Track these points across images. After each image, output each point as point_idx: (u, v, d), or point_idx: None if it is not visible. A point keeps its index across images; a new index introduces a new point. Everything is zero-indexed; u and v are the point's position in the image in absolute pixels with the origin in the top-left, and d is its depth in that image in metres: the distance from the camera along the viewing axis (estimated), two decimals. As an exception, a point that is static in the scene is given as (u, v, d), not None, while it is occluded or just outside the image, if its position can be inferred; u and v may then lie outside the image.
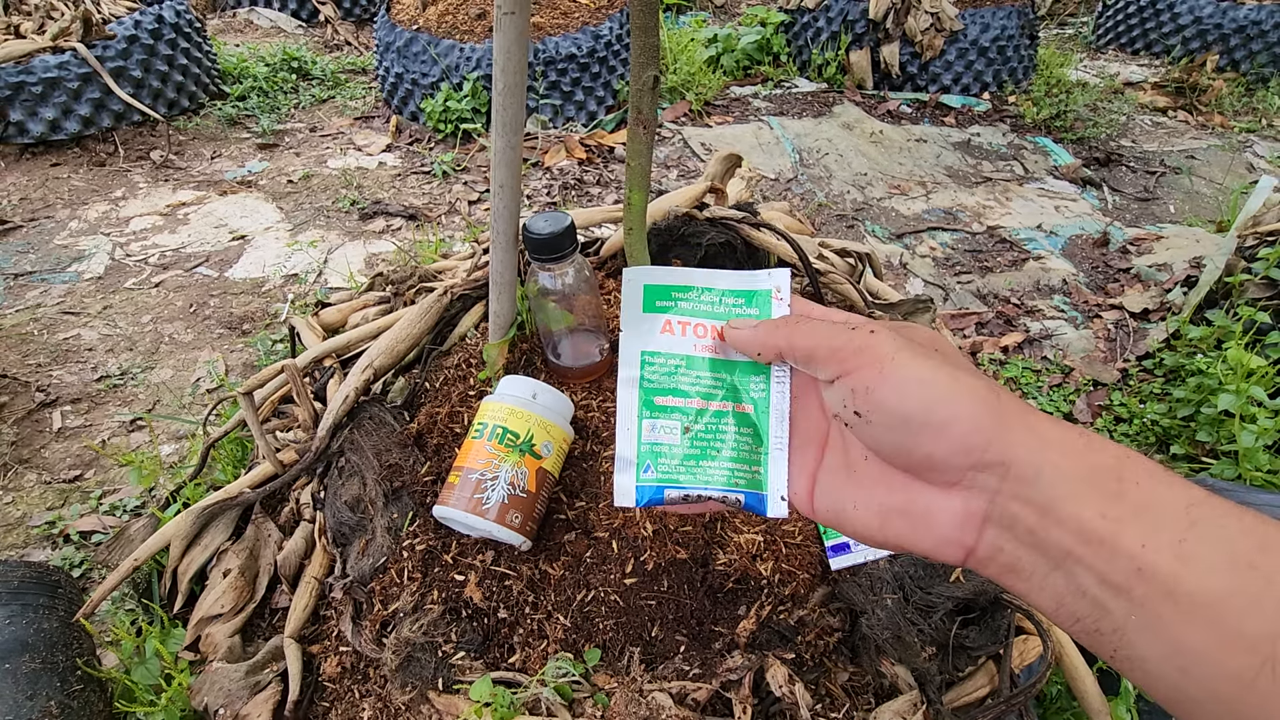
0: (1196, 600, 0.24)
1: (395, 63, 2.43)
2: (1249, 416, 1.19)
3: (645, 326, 0.39)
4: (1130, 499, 0.26)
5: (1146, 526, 0.25)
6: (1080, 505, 0.27)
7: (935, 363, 0.30)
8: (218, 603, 0.79)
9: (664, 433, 0.38)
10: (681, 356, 0.38)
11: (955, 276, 1.91)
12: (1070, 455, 0.28)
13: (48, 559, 1.14)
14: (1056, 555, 0.27)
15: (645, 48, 0.62)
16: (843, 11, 2.81)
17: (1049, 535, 0.27)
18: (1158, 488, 0.26)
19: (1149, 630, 0.25)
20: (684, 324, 0.39)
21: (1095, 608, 0.26)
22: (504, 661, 0.68)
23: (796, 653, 0.66)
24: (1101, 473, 0.27)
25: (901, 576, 0.67)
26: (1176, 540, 0.25)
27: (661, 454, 0.37)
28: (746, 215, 1.04)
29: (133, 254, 1.90)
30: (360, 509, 0.79)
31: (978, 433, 0.29)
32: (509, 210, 0.75)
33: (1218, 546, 0.24)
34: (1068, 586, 0.27)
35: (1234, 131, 2.65)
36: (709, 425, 0.38)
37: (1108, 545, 0.26)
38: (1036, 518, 0.28)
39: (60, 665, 0.79)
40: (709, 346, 0.39)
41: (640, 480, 0.37)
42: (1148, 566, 0.25)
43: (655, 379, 0.38)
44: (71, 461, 1.32)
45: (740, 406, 0.38)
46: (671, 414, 0.38)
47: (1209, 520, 0.25)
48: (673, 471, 0.37)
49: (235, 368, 1.55)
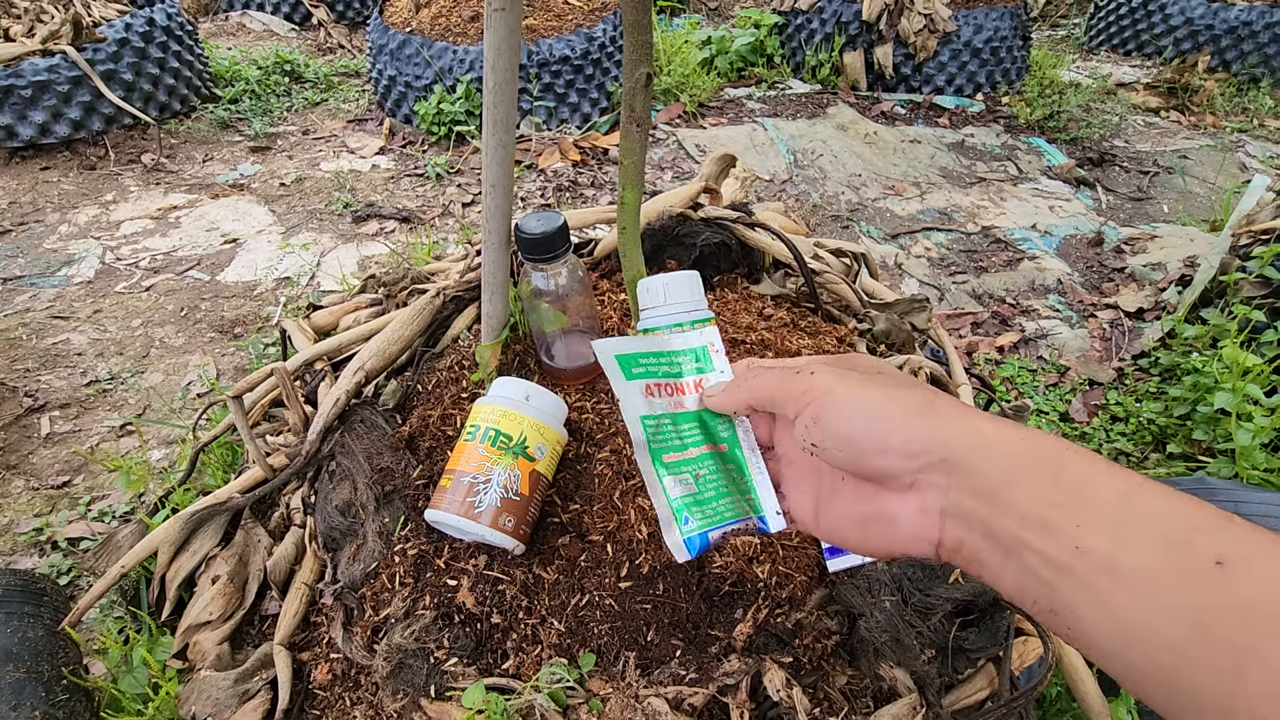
0: (1132, 574, 0.26)
1: (388, 65, 2.42)
2: (1245, 415, 1.19)
3: (633, 393, 0.42)
4: (1067, 485, 0.28)
5: (1083, 509, 0.28)
6: (1021, 493, 0.29)
7: (871, 387, 0.34)
8: (206, 609, 0.77)
9: (683, 484, 0.41)
10: (668, 415, 0.42)
11: (950, 277, 1.91)
12: (1008, 449, 0.30)
13: (35, 566, 1.12)
14: (1007, 542, 0.29)
15: (638, 45, 0.62)
16: (836, 13, 2.81)
17: (998, 523, 0.30)
18: (1096, 475, 0.29)
19: (1094, 606, 0.27)
20: (659, 386, 0.43)
21: (1046, 588, 0.28)
22: (497, 667, 0.67)
23: (794, 656, 0.65)
24: (1039, 463, 0.29)
25: (900, 578, 0.67)
26: (1112, 521, 0.27)
27: (691, 503, 0.41)
28: (741, 215, 1.03)
29: (123, 258, 1.88)
30: (351, 513, 0.78)
31: (913, 438, 0.32)
32: (501, 210, 0.74)
33: (1151, 525, 0.26)
34: (1020, 571, 0.29)
35: (1226, 132, 2.66)
36: (709, 468, 0.42)
37: (1048, 527, 0.28)
38: (986, 508, 0.30)
39: (45, 675, 0.77)
40: (679, 403, 0.43)
41: (685, 533, 0.40)
42: (1085, 544, 0.27)
43: (658, 440, 0.42)
44: (60, 467, 1.31)
45: (717, 446, 0.43)
46: (682, 468, 0.41)
47: (1144, 504, 0.27)
48: (705, 516, 0.41)
49: (226, 371, 1.53)
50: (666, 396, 0.43)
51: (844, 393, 0.34)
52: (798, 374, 0.37)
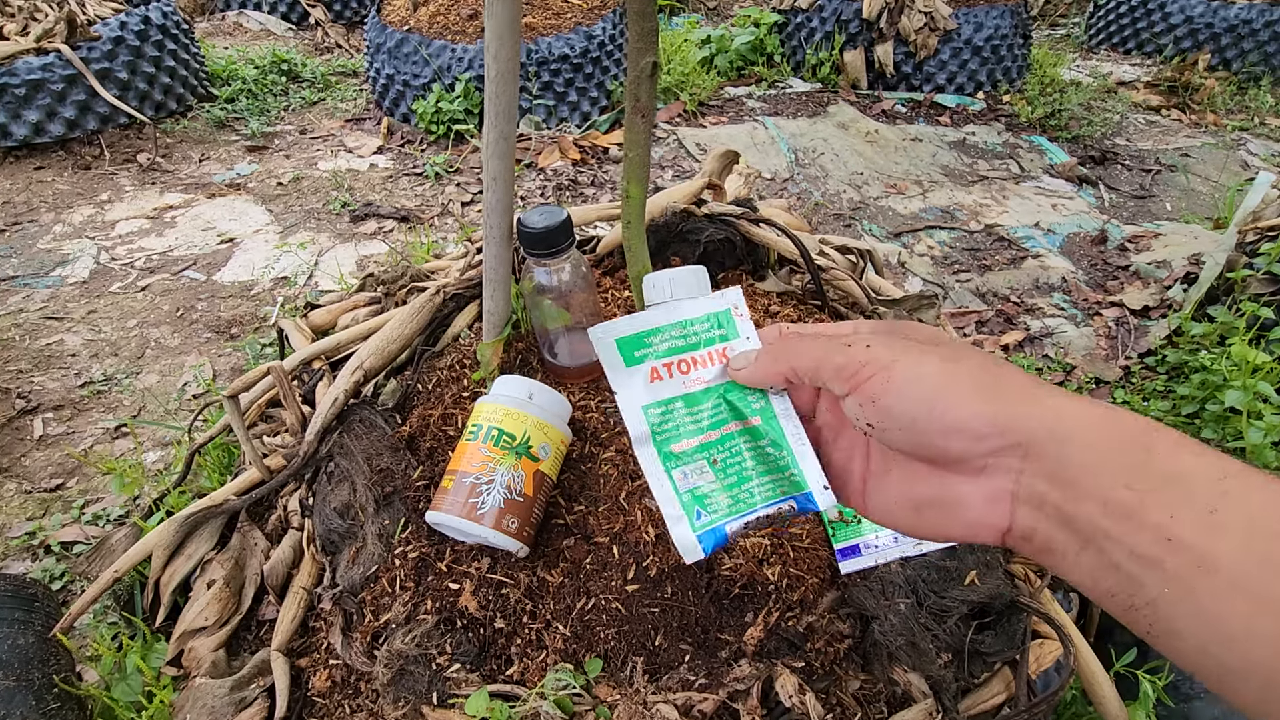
0: (1229, 569, 0.24)
1: (386, 64, 2.40)
2: (1256, 413, 1.18)
3: (634, 381, 0.38)
4: (1157, 469, 0.26)
5: (1175, 496, 0.25)
6: (1104, 478, 0.26)
7: (933, 361, 0.31)
8: (201, 615, 0.75)
9: (695, 475, 0.37)
10: (678, 398, 0.38)
11: (954, 275, 1.89)
12: (1090, 428, 0.27)
13: (28, 571, 1.10)
14: (1086, 531, 0.27)
15: (643, 33, 0.60)
16: (836, 11, 2.80)
17: (1076, 511, 0.27)
18: (1187, 458, 0.26)
19: (1183, 602, 0.25)
20: (668, 365, 0.39)
21: (1128, 582, 0.26)
22: (501, 674, 0.65)
23: (806, 661, 0.63)
24: (1126, 444, 0.27)
25: (914, 580, 0.65)
26: (1207, 510, 0.24)
27: (704, 495, 0.37)
28: (746, 211, 1.01)
29: (118, 258, 1.86)
30: (350, 515, 0.76)
31: (983, 421, 0.29)
32: (503, 204, 0.73)
33: (1252, 516, 0.24)
34: (1100, 562, 0.27)
35: (1227, 130, 2.66)
36: (731, 450, 0.38)
37: (1135, 517, 0.26)
38: (1062, 494, 0.28)
39: (36, 683, 0.75)
40: (698, 379, 0.39)
41: (696, 529, 0.36)
42: (1177, 537, 0.25)
43: (665, 429, 0.38)
44: (53, 470, 1.29)
45: (747, 422, 0.38)
46: (694, 456, 0.37)
47: (1242, 491, 0.25)
48: (722, 508, 0.37)
49: (223, 372, 1.51)
50: (680, 374, 0.39)
51: (904, 369, 0.31)
52: (848, 345, 0.33)
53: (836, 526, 0.71)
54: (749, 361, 0.38)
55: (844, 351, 0.33)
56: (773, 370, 0.37)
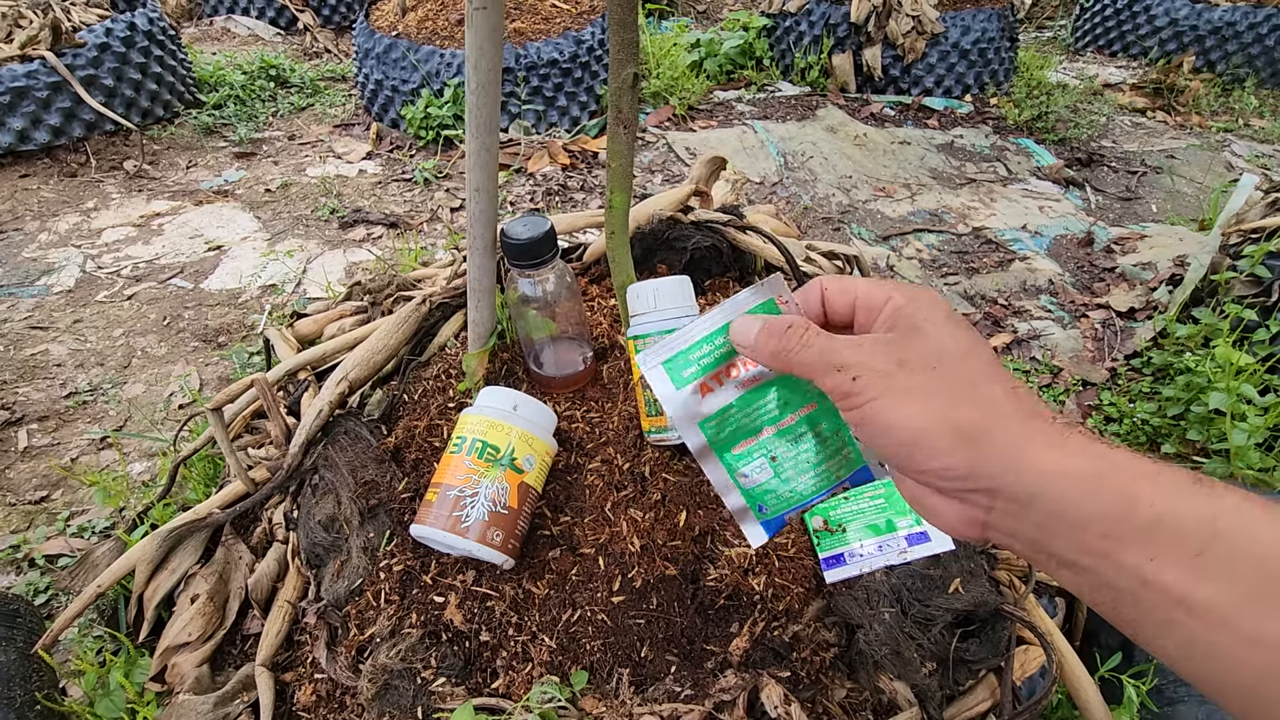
0: (1210, 609, 0.24)
1: (375, 69, 2.39)
2: (1239, 414, 1.19)
3: (688, 400, 0.39)
4: (1139, 519, 0.26)
5: (1157, 543, 0.25)
6: (1079, 529, 0.27)
7: (920, 399, 0.31)
8: (185, 630, 0.75)
9: (756, 473, 0.39)
10: (732, 404, 0.39)
11: (942, 278, 1.90)
12: (1069, 484, 0.27)
13: (11, 585, 1.09)
14: (1061, 559, 0.28)
15: (624, 44, 0.60)
16: (824, 15, 2.81)
17: (1049, 546, 0.28)
18: (1178, 503, 0.26)
19: (1164, 627, 0.25)
20: (718, 375, 0.39)
21: (1110, 598, 0.27)
22: (487, 687, 0.65)
23: (792, 670, 0.64)
24: (1109, 496, 0.27)
25: (899, 589, 0.65)
26: (1192, 554, 0.25)
27: (766, 490, 0.39)
28: (732, 218, 1.01)
29: (104, 266, 1.85)
30: (335, 528, 0.76)
31: (955, 469, 0.30)
32: (486, 214, 0.73)
33: (1239, 556, 0.24)
34: (1081, 580, 0.28)
35: (1212, 131, 2.68)
36: (789, 444, 0.39)
37: (1111, 559, 0.26)
38: (1034, 532, 0.28)
39: (18, 700, 0.75)
40: (748, 380, 0.39)
41: (761, 518, 0.39)
42: (1154, 580, 0.25)
43: (723, 436, 0.39)
44: (38, 482, 1.28)
45: (805, 409, 0.39)
46: (753, 455, 0.39)
47: (1237, 529, 0.25)
48: (782, 499, 0.39)
49: (210, 382, 1.50)
50: (729, 379, 0.39)
51: (885, 406, 0.31)
52: (838, 370, 0.33)
53: (821, 536, 0.71)
54: (749, 338, 0.37)
55: (834, 376, 0.33)
56: (768, 362, 0.37)
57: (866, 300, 0.36)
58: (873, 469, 0.39)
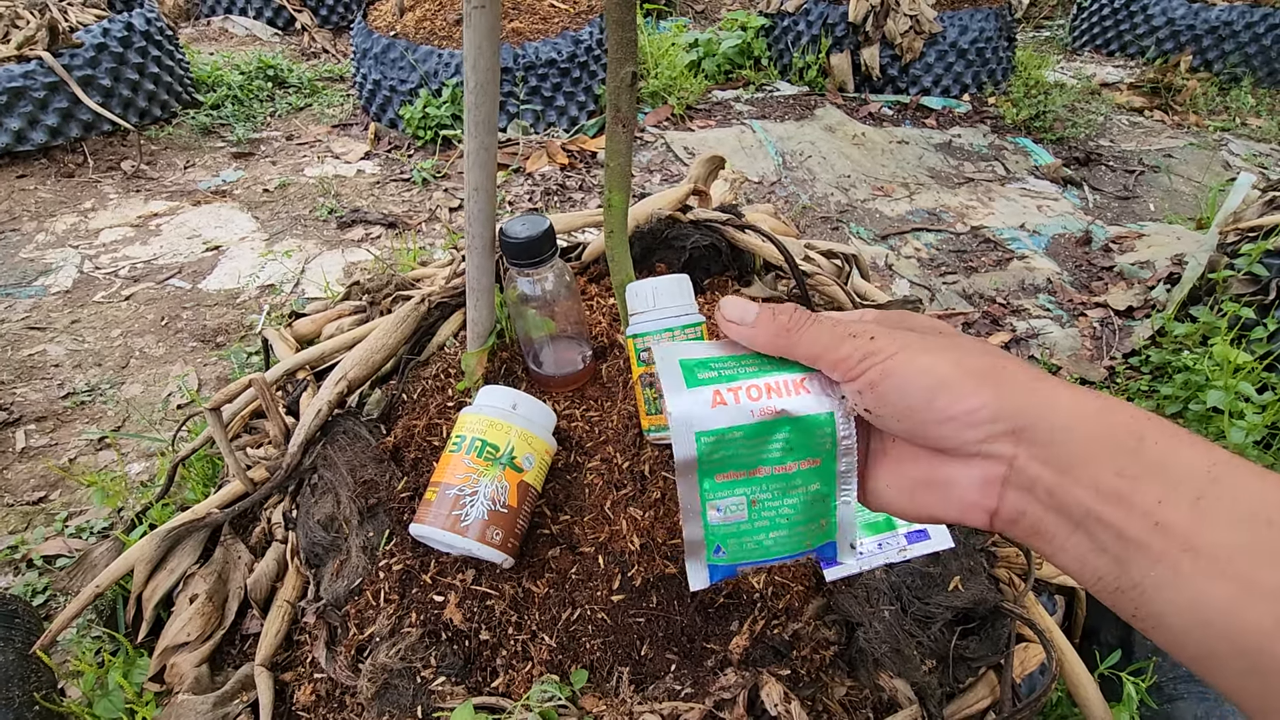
0: (1214, 553, 0.24)
1: (373, 69, 2.39)
2: (1237, 412, 1.19)
3: (694, 403, 0.35)
4: (1148, 457, 0.27)
5: (1164, 483, 0.26)
6: (1097, 463, 0.27)
7: (936, 351, 0.31)
8: (184, 630, 0.75)
9: (730, 510, 0.35)
10: (740, 427, 0.35)
11: (941, 277, 1.90)
12: (1085, 417, 0.28)
13: (9, 586, 1.08)
14: (1077, 514, 0.28)
15: (622, 43, 0.60)
16: (822, 15, 2.81)
17: (1068, 494, 0.28)
18: (1179, 447, 0.27)
19: (1169, 585, 0.25)
20: (735, 390, 0.35)
21: (1115, 564, 0.27)
22: (486, 686, 0.65)
23: (792, 668, 0.64)
24: (1119, 432, 0.27)
25: (899, 586, 0.65)
26: (1195, 496, 0.25)
27: (732, 533, 0.36)
28: (731, 217, 1.01)
29: (102, 266, 1.84)
30: (334, 528, 0.76)
31: (983, 409, 0.30)
32: (485, 214, 0.73)
33: (1237, 502, 0.25)
34: (1089, 545, 0.28)
35: (1209, 130, 2.69)
36: (775, 492, 0.36)
37: (1125, 501, 0.26)
38: (1054, 477, 0.28)
39: (16, 701, 0.74)
40: (769, 409, 0.35)
41: (712, 561, 0.36)
42: (1165, 520, 0.25)
43: (715, 458, 0.35)
44: (36, 482, 1.27)
45: (807, 462, 0.36)
46: (735, 489, 0.35)
47: (1230, 479, 0.25)
48: (743, 548, 0.36)
49: (209, 382, 1.50)
50: (748, 400, 0.35)
51: (906, 359, 0.31)
52: (854, 338, 0.33)
53: (821, 533, 0.71)
54: (745, 320, 0.36)
55: (849, 343, 0.33)
56: (770, 346, 0.36)
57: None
58: (841, 550, 0.37)
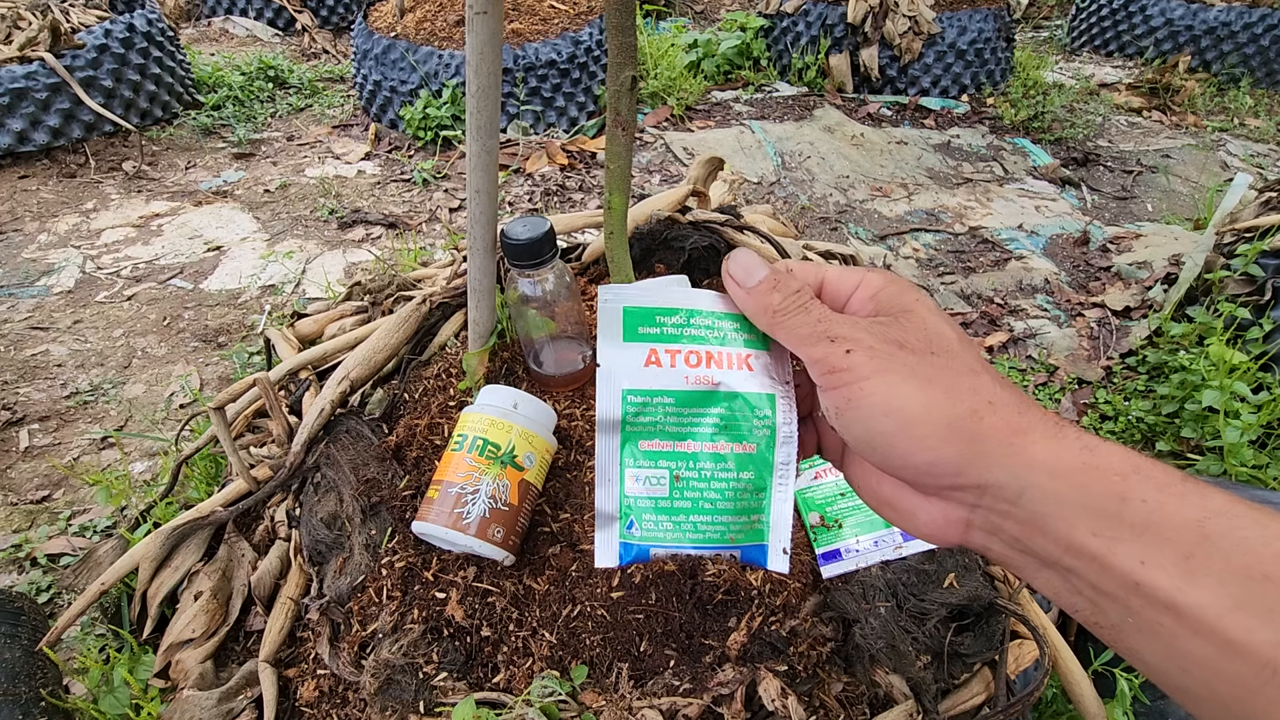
0: (1198, 614, 0.23)
1: (373, 70, 2.40)
2: (1233, 412, 1.20)
3: (627, 359, 0.33)
4: (1131, 518, 0.25)
5: (1148, 543, 0.25)
6: (1068, 525, 0.26)
7: (914, 383, 0.29)
8: (189, 627, 0.75)
9: (650, 483, 0.33)
10: (671, 393, 0.33)
11: (939, 277, 1.91)
12: (1060, 477, 0.27)
13: (14, 584, 1.09)
14: (1045, 559, 0.27)
15: (622, 47, 0.61)
16: (821, 16, 2.82)
17: (1034, 544, 0.27)
18: (1168, 502, 0.25)
19: (1147, 633, 0.25)
20: (673, 353, 0.33)
21: (1091, 605, 0.26)
22: (488, 681, 0.66)
23: (789, 664, 0.64)
24: (1098, 493, 0.26)
25: (894, 583, 0.66)
26: (1182, 556, 0.24)
27: (648, 508, 0.33)
28: (730, 218, 1.02)
29: (104, 267, 1.85)
30: (337, 526, 0.76)
31: (943, 464, 0.28)
32: (486, 215, 0.73)
33: (1230, 558, 0.24)
34: (1062, 584, 0.27)
35: (1207, 131, 2.69)
36: (703, 472, 0.33)
37: (1099, 560, 0.25)
38: (1020, 529, 0.28)
39: (23, 697, 0.75)
40: (704, 378, 0.33)
41: (624, 537, 0.34)
42: (1146, 582, 0.24)
43: (640, 421, 0.33)
44: (39, 481, 1.28)
45: (742, 446, 0.33)
46: (658, 461, 0.33)
47: (1226, 533, 0.24)
48: (660, 528, 0.33)
49: (211, 381, 1.51)
50: (686, 367, 0.33)
51: (875, 388, 0.29)
52: (833, 343, 0.30)
53: (818, 531, 0.72)
54: (749, 278, 0.33)
55: (824, 346, 0.31)
56: (755, 319, 0.34)
57: (836, 284, 0.34)
58: (771, 556, 0.34)
